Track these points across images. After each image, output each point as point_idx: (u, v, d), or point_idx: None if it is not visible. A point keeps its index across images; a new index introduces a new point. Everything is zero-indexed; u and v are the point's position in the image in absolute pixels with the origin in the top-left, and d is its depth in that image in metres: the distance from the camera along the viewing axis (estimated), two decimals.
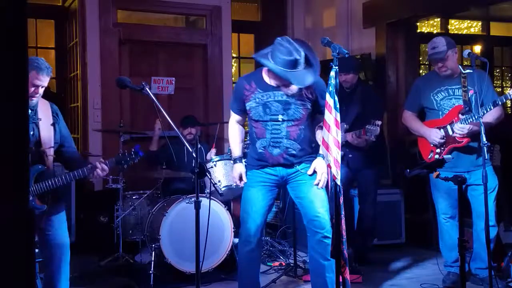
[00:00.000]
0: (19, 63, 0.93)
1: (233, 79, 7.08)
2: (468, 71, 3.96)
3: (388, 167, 5.93)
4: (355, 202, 5.06)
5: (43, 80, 3.01)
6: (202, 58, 6.80)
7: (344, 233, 2.86)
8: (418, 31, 6.98)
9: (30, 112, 3.06)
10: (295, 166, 3.43)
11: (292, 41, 3.24)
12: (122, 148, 4.74)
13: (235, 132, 3.64)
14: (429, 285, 4.24)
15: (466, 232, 3.47)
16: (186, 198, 4.39)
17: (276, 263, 4.78)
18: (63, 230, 3.20)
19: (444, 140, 4.08)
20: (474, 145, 4.01)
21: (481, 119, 3.59)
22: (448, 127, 4.07)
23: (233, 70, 7.45)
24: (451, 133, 4.05)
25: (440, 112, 4.15)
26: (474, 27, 9.01)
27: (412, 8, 5.92)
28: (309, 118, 3.43)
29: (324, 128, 2.95)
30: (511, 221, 4.67)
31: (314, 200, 3.38)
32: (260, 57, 3.29)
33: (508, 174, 4.54)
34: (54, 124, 3.17)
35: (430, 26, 8.33)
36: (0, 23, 0.89)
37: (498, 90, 8.38)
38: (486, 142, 3.50)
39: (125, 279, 4.37)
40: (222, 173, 4.66)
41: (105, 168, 3.17)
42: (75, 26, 6.40)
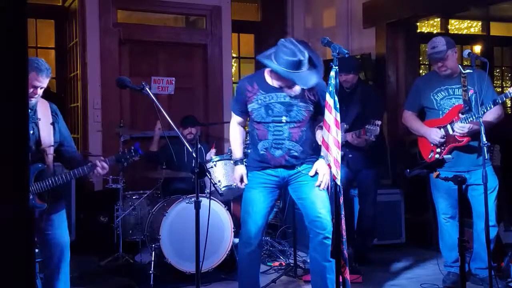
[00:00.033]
0: (19, 63, 0.93)
1: (233, 79, 7.07)
2: (468, 71, 3.96)
3: (388, 167, 5.92)
4: (355, 202, 5.06)
5: (42, 82, 3.01)
6: (202, 58, 6.80)
7: (344, 233, 2.86)
8: (418, 31, 6.98)
9: (29, 112, 3.06)
10: (296, 168, 3.42)
11: (296, 42, 3.22)
12: (122, 148, 4.74)
13: (237, 134, 3.63)
14: (429, 285, 4.24)
15: (466, 232, 3.47)
16: (186, 198, 4.39)
17: (276, 263, 4.78)
18: (63, 229, 3.19)
19: (445, 140, 4.08)
20: (474, 144, 4.01)
21: (481, 119, 3.59)
22: (448, 126, 4.06)
23: (233, 70, 7.44)
24: (451, 132, 4.05)
25: (440, 112, 4.15)
26: (474, 27, 9.01)
27: (412, 8, 5.92)
28: (311, 120, 3.42)
29: (324, 128, 2.95)
30: (511, 221, 4.67)
31: (316, 200, 3.37)
32: (263, 58, 3.27)
33: (508, 174, 4.54)
34: (54, 123, 3.17)
35: (430, 26, 8.33)
36: (0, 23, 0.89)
37: (498, 90, 8.37)
38: (486, 142, 3.50)
39: (125, 279, 4.37)
40: (222, 173, 4.66)
41: (105, 166, 3.16)
42: (75, 26, 6.40)
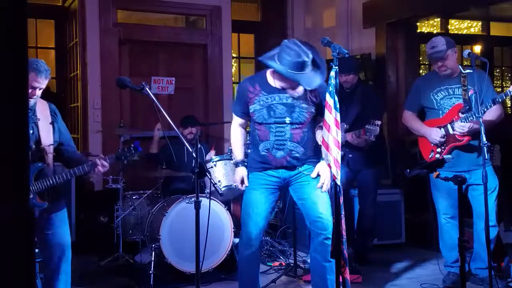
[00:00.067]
0: (19, 63, 0.93)
1: (233, 79, 7.08)
2: (468, 71, 3.96)
3: (388, 167, 5.92)
4: (355, 202, 5.06)
5: (41, 82, 3.01)
6: (202, 58, 6.80)
7: (344, 233, 2.86)
8: (418, 31, 6.97)
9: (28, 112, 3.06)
10: (297, 168, 3.41)
11: (299, 43, 3.20)
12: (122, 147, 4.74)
13: (238, 136, 3.62)
14: (429, 285, 4.24)
15: (466, 232, 3.47)
16: (186, 198, 4.39)
17: (276, 263, 4.78)
18: (63, 229, 3.18)
19: (445, 139, 4.08)
20: (474, 143, 4.01)
21: (481, 118, 3.59)
22: (449, 126, 4.06)
23: (233, 70, 7.44)
24: (451, 131, 4.05)
25: (440, 112, 4.15)
26: (474, 27, 9.00)
27: (412, 8, 5.92)
28: (312, 121, 3.42)
29: (324, 128, 2.94)
30: (511, 221, 4.67)
31: (317, 201, 3.37)
32: (266, 59, 3.25)
33: (508, 174, 4.54)
34: (53, 123, 3.17)
35: (430, 26, 8.33)
36: (0, 23, 0.89)
37: (498, 90, 8.37)
38: (486, 142, 3.50)
39: (125, 279, 4.37)
40: (222, 173, 4.66)
41: (105, 164, 3.16)
42: (75, 26, 6.40)
